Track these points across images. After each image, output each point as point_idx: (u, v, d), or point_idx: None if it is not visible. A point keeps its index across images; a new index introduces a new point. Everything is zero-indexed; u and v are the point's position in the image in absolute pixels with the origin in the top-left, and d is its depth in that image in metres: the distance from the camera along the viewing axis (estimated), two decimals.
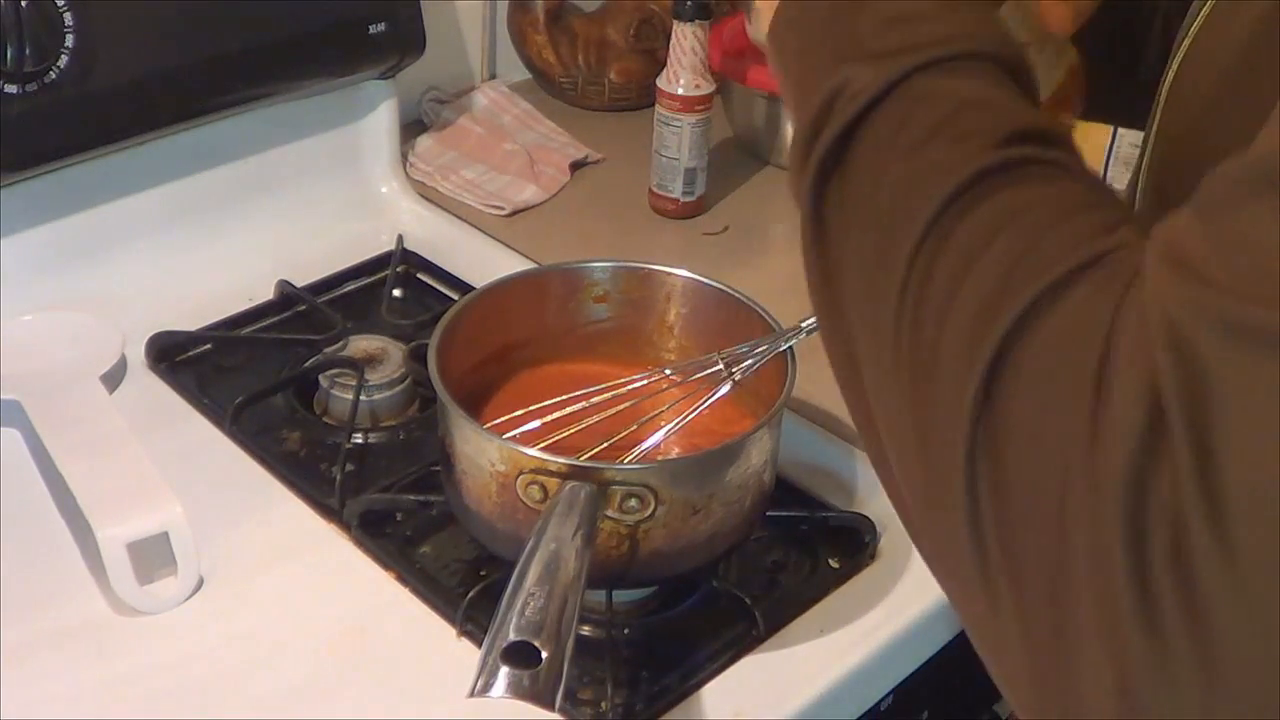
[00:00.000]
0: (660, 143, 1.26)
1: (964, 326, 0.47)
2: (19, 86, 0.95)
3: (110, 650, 0.82)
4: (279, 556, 0.89)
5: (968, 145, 0.50)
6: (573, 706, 0.80)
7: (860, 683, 0.85)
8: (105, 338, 1.02)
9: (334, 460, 0.95)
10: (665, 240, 1.25)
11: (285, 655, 0.83)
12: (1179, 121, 0.64)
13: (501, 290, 0.94)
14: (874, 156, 0.52)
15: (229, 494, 0.93)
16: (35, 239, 1.04)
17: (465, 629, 0.84)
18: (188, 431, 0.99)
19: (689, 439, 0.88)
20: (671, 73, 1.24)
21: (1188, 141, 0.63)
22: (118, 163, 1.06)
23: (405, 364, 1.03)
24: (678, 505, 0.79)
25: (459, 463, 0.83)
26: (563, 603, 0.69)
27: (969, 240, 0.48)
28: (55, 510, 0.90)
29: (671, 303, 0.96)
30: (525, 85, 1.46)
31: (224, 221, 1.15)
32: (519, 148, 1.33)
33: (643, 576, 0.84)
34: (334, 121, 1.21)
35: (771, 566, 0.92)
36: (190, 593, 0.85)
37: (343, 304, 1.13)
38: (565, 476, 0.77)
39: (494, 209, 1.26)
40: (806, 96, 0.56)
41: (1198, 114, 0.62)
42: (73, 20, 0.96)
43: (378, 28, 1.14)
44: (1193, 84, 0.63)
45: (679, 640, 0.86)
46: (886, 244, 0.51)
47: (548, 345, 0.96)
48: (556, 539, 0.72)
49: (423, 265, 1.19)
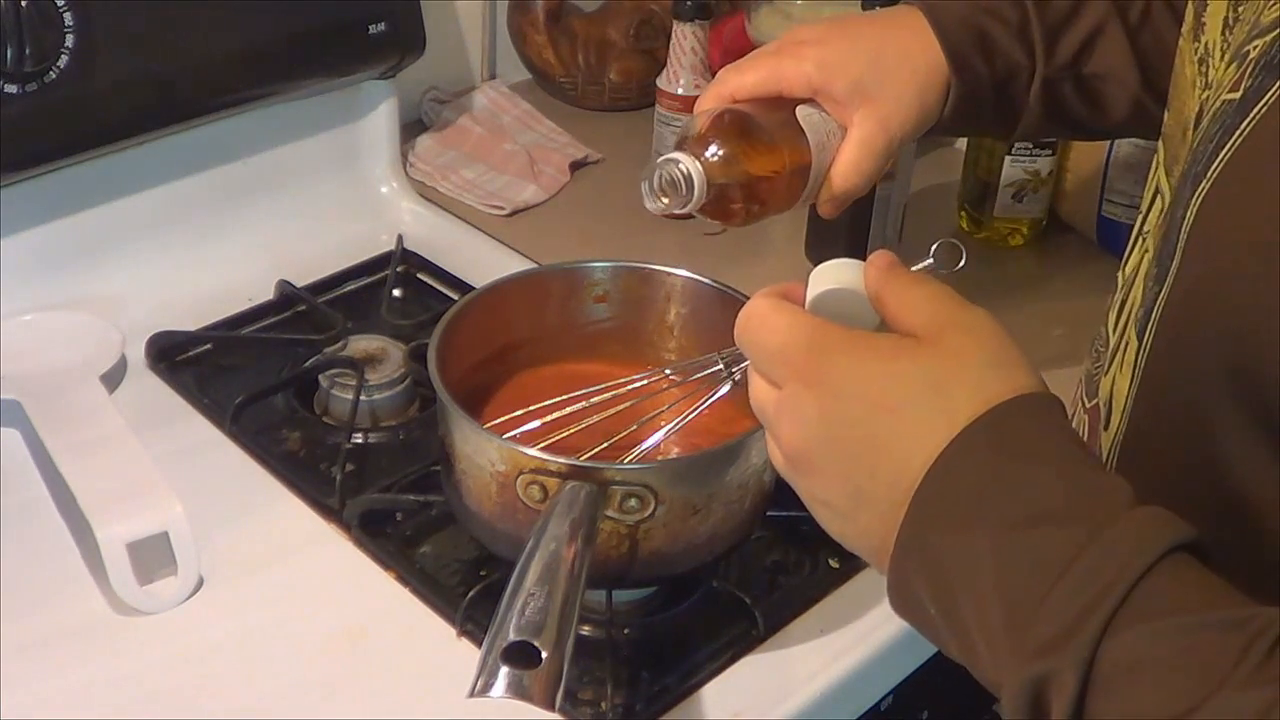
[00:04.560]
0: (660, 143, 1.26)
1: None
2: (19, 86, 0.95)
3: (110, 650, 0.82)
4: (279, 556, 0.89)
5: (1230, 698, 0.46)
6: (573, 706, 0.80)
7: (860, 683, 0.85)
8: (105, 338, 1.02)
9: (334, 460, 0.95)
10: (665, 240, 1.25)
11: (285, 655, 0.83)
12: (1202, 278, 0.60)
13: (501, 290, 0.94)
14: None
15: (229, 494, 0.93)
16: (35, 239, 1.04)
17: (465, 629, 0.84)
18: (188, 431, 0.99)
19: (689, 439, 0.88)
20: (671, 73, 1.24)
21: (1210, 299, 0.59)
22: (118, 163, 1.06)
23: (405, 364, 1.03)
24: (678, 505, 0.79)
25: (459, 463, 0.83)
26: (563, 603, 0.69)
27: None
28: (55, 510, 0.90)
29: (671, 303, 0.96)
30: (525, 85, 1.46)
31: (224, 221, 1.15)
32: (519, 148, 1.33)
33: (643, 576, 0.84)
34: (334, 121, 1.21)
35: (771, 566, 0.92)
36: (190, 593, 0.85)
37: (343, 304, 1.13)
38: (565, 476, 0.77)
39: (494, 209, 1.26)
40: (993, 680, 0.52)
41: (1225, 277, 0.58)
42: (73, 20, 0.96)
43: (378, 28, 1.14)
44: (1220, 243, 0.58)
45: (679, 640, 0.86)
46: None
47: (548, 345, 0.96)
48: (556, 539, 0.72)
49: (423, 265, 1.19)
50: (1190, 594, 0.49)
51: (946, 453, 0.53)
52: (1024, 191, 1.24)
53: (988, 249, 1.27)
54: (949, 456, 0.53)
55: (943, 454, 0.53)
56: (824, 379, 0.57)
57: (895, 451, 0.55)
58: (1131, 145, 1.19)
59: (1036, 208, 1.26)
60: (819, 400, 0.56)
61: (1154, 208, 0.68)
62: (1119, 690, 0.48)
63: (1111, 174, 1.22)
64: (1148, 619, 0.48)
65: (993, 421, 0.54)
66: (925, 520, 0.54)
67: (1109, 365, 0.69)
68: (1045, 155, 1.22)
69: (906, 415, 0.55)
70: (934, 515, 0.53)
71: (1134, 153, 1.19)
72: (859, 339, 0.57)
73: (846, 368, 0.56)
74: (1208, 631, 0.48)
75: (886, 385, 0.55)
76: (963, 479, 0.53)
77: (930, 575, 0.53)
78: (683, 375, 0.89)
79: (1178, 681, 0.47)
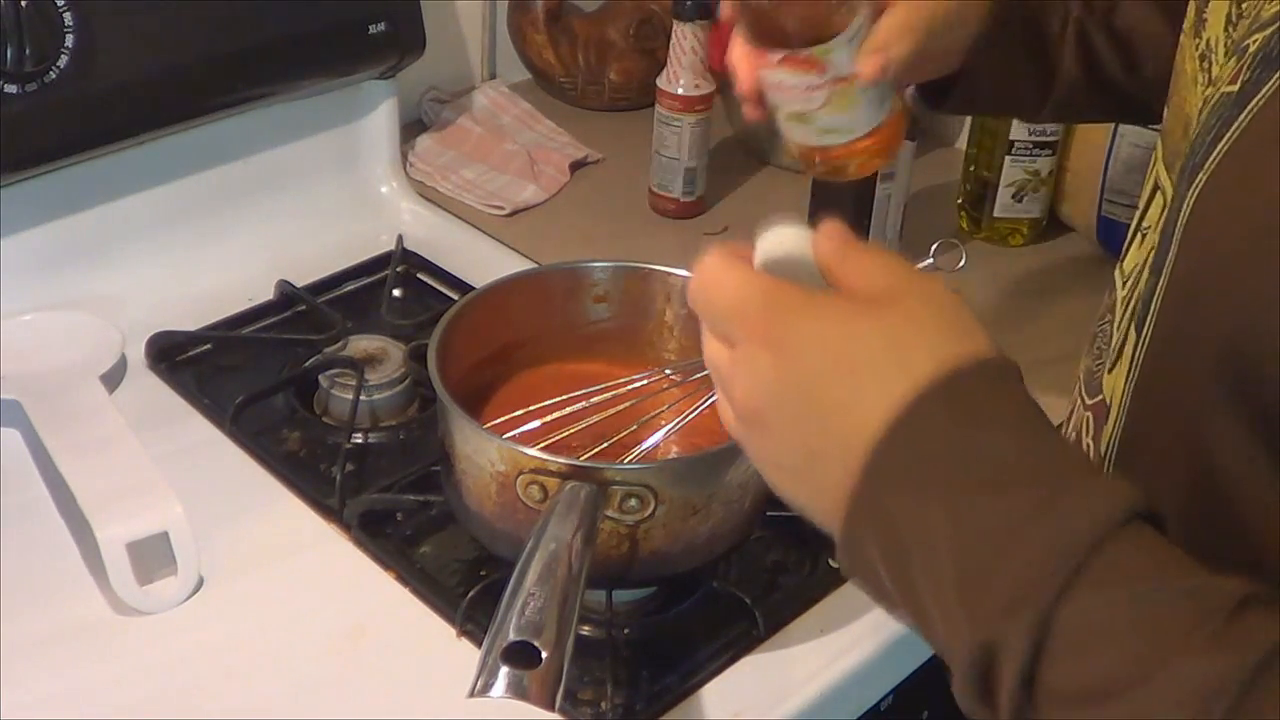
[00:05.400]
0: (660, 143, 1.26)
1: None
2: (19, 86, 0.95)
3: (110, 650, 0.82)
4: (279, 556, 0.89)
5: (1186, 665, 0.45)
6: (573, 706, 0.80)
7: (860, 683, 0.85)
8: (105, 338, 1.02)
9: (334, 460, 0.95)
10: (665, 240, 1.25)
11: (285, 655, 0.83)
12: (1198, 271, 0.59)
13: (501, 290, 0.94)
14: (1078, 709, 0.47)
15: (229, 494, 0.93)
16: (35, 239, 1.04)
17: (465, 629, 0.84)
18: (188, 431, 0.99)
19: (689, 439, 0.88)
20: (671, 73, 1.24)
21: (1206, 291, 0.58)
22: (118, 163, 1.06)
23: (405, 364, 1.03)
24: (678, 505, 0.79)
25: (459, 463, 0.83)
26: (563, 603, 0.69)
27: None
28: (55, 510, 0.90)
29: (671, 303, 0.96)
30: (525, 85, 1.46)
31: (224, 221, 1.15)
32: (519, 148, 1.34)
33: (643, 576, 0.84)
34: (334, 121, 1.21)
35: (771, 566, 0.92)
36: (190, 593, 0.85)
37: (343, 304, 1.13)
38: (565, 476, 0.77)
39: (494, 209, 1.26)
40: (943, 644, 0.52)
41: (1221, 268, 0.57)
42: (73, 20, 0.96)
43: (378, 28, 1.14)
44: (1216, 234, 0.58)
45: (679, 640, 0.86)
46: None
47: (548, 345, 0.96)
48: (556, 539, 0.72)
49: (423, 265, 1.19)
50: (1147, 563, 0.49)
51: (904, 414, 0.52)
52: (1024, 191, 1.24)
53: (988, 249, 1.27)
54: (906, 418, 0.52)
55: (900, 415, 0.52)
56: (781, 337, 0.56)
57: (852, 411, 0.54)
58: (1131, 145, 1.19)
59: (1036, 208, 1.26)
60: (775, 358, 0.55)
61: (1154, 203, 0.68)
62: (1071, 657, 0.47)
63: (1111, 174, 1.22)
64: (1103, 587, 0.48)
65: (952, 384, 0.53)
66: (880, 481, 0.53)
67: (1111, 363, 0.69)
68: (1045, 155, 1.22)
69: (864, 376, 0.54)
70: (889, 477, 0.53)
71: (1134, 153, 1.19)
72: (817, 299, 0.56)
73: (804, 327, 0.55)
74: (1164, 599, 0.47)
75: (845, 345, 0.55)
76: (920, 441, 0.52)
77: (883, 538, 0.53)
78: (682, 375, 0.89)
79: (1132, 648, 0.47)
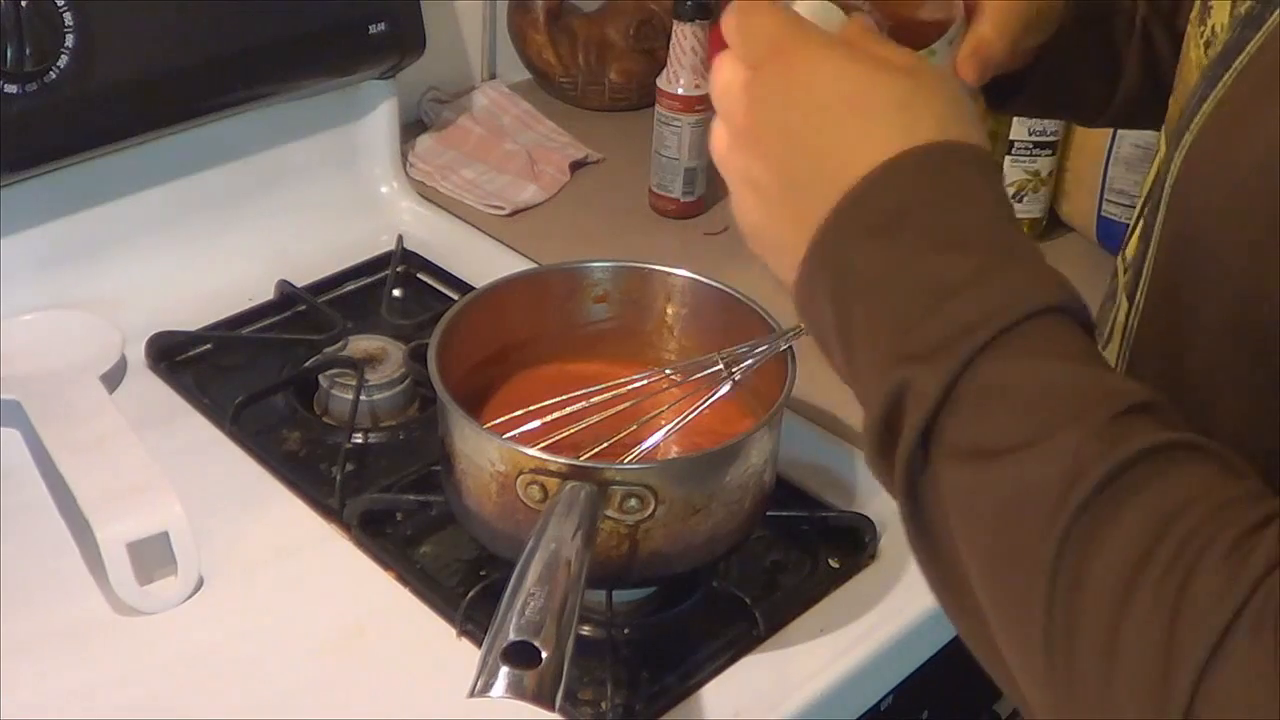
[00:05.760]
0: (660, 143, 1.26)
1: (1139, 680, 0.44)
2: (19, 86, 0.95)
3: (110, 650, 0.82)
4: (279, 556, 0.89)
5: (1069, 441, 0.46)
6: (573, 706, 0.80)
7: (860, 683, 0.85)
8: (105, 338, 1.02)
9: (334, 460, 0.95)
10: (665, 240, 1.25)
11: (285, 655, 0.83)
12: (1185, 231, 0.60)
13: (501, 290, 0.94)
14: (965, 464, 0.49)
15: (229, 494, 0.93)
16: (35, 239, 1.04)
17: (465, 629, 0.84)
18: (188, 431, 0.99)
19: (689, 439, 0.88)
20: (671, 73, 1.24)
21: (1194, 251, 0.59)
22: (118, 163, 1.06)
23: (405, 364, 1.03)
24: (678, 505, 0.79)
25: (459, 463, 0.83)
26: (563, 603, 0.69)
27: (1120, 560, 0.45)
28: (55, 510, 0.90)
29: (671, 303, 0.96)
30: (525, 85, 1.46)
31: (224, 221, 1.15)
32: (519, 148, 1.33)
33: (643, 576, 0.84)
34: (334, 121, 1.21)
35: (771, 566, 0.92)
36: (190, 593, 0.85)
37: (343, 304, 1.13)
38: (565, 476, 0.77)
39: (494, 209, 1.26)
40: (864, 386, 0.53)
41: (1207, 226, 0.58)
42: (73, 20, 0.96)
43: (378, 28, 1.14)
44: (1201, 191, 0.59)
45: (679, 640, 0.86)
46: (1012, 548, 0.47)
47: (548, 345, 0.96)
48: (556, 539, 0.72)
49: (423, 265, 1.19)
50: (1071, 347, 0.50)
51: (890, 163, 0.53)
52: (1024, 191, 1.24)
53: None
54: (891, 167, 0.53)
55: (886, 163, 0.53)
56: (804, 65, 0.57)
57: (846, 152, 0.55)
58: (1131, 145, 1.19)
59: (1036, 208, 1.26)
60: (791, 84, 0.57)
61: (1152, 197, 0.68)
62: (973, 411, 0.49)
63: (1111, 174, 1.21)
64: (1020, 355, 0.49)
65: (944, 154, 0.54)
66: (848, 222, 0.54)
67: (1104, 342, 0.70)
68: (1045, 155, 1.22)
69: (872, 123, 0.55)
70: (858, 219, 0.54)
71: (1134, 152, 1.19)
72: (848, 44, 0.58)
73: (831, 63, 0.56)
74: (1070, 380, 0.49)
75: (862, 90, 0.56)
76: (896, 192, 0.53)
77: (835, 277, 0.54)
78: (683, 375, 0.89)
79: (1029, 415, 0.48)
